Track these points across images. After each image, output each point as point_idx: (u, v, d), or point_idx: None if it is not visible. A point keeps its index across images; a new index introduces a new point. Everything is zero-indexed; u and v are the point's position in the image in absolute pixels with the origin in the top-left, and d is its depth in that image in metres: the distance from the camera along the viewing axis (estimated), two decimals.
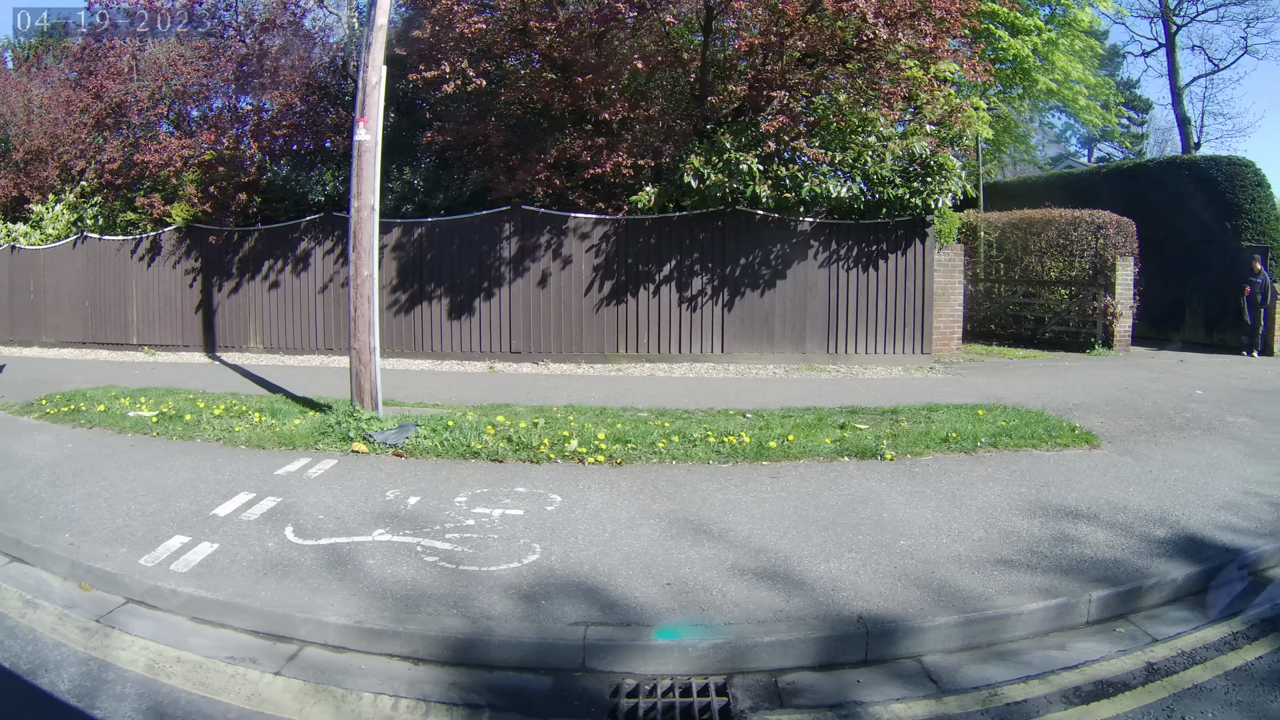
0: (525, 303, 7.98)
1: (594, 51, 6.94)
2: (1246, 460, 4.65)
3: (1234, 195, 10.61)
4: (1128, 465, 4.53)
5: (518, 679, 2.30)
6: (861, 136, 7.25)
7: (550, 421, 5.11)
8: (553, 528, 3.31)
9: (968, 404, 5.86)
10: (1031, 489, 4.03)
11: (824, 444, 4.65)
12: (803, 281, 7.83)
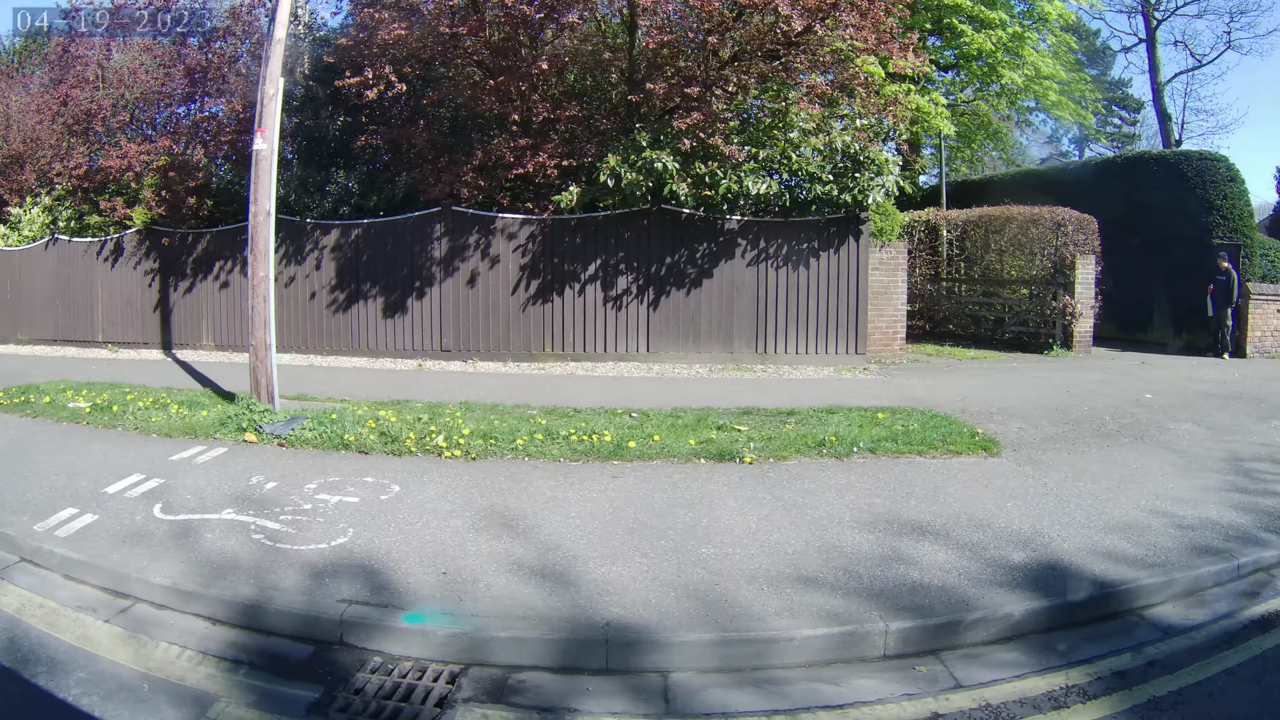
0: (455, 302, 7.83)
1: (505, 55, 6.83)
2: (1172, 473, 4.26)
3: (1205, 191, 9.70)
4: (1021, 477, 4.12)
5: (285, 645, 2.46)
6: (784, 133, 6.69)
7: (435, 417, 5.04)
8: (375, 515, 3.37)
9: (875, 407, 5.50)
10: (888, 500, 3.67)
11: (687, 445, 4.40)
12: (729, 280, 7.36)
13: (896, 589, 2.70)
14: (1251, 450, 4.78)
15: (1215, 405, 6.29)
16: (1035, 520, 3.42)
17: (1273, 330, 10.57)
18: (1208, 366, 9.40)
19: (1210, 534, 3.36)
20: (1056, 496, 3.77)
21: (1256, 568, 3.23)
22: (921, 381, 7.06)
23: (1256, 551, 3.23)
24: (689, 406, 5.56)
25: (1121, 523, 3.39)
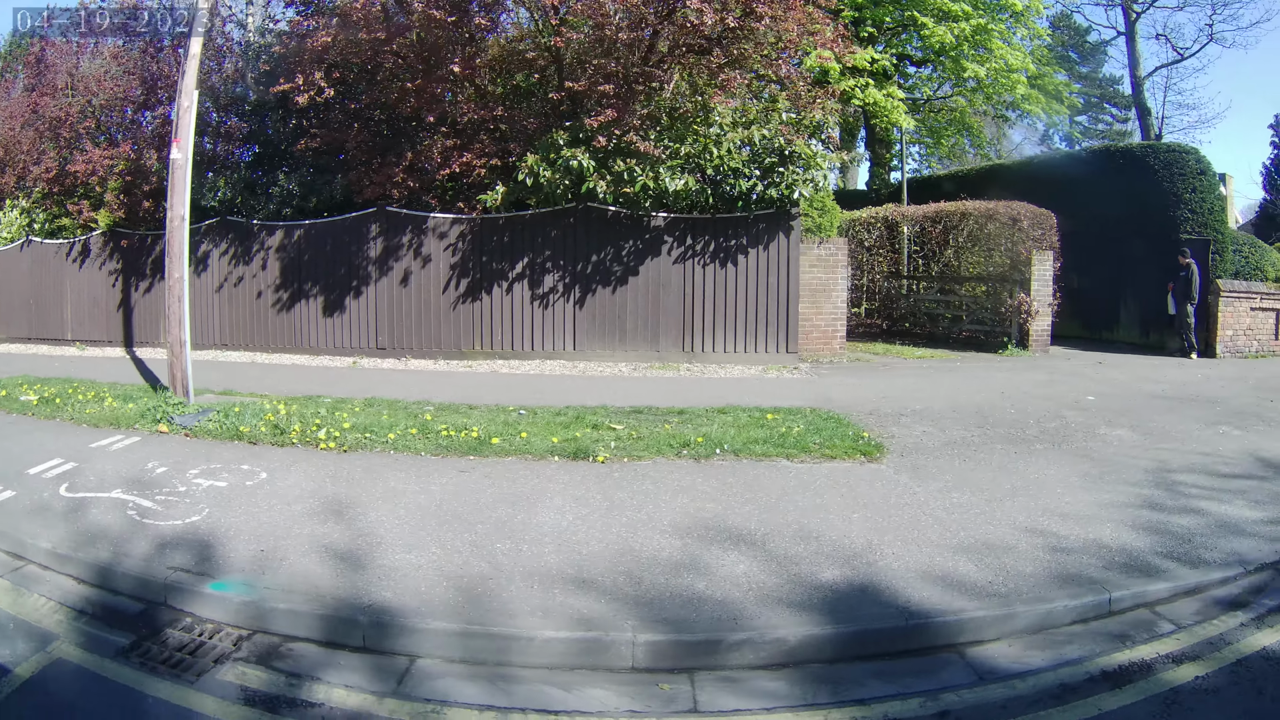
0: (390, 301, 7.73)
1: (424, 59, 6.72)
2: (1077, 485, 3.83)
3: (1173, 184, 8.90)
4: (889, 485, 3.75)
5: (123, 601, 2.70)
6: (705, 129, 6.20)
7: (334, 411, 5.06)
8: (233, 498, 3.49)
9: (772, 407, 5.19)
10: (722, 505, 3.40)
11: (549, 442, 4.25)
12: (655, 278, 6.95)
13: (671, 599, 2.48)
14: (1185, 460, 4.35)
15: (1162, 409, 5.81)
16: (875, 535, 3.07)
17: (1246, 329, 9.64)
18: (1170, 367, 8.62)
19: (1089, 559, 2.91)
20: (918, 508, 3.40)
21: (1138, 603, 2.76)
22: (848, 381, 6.69)
23: (1142, 584, 2.76)
24: (585, 405, 5.37)
25: (981, 542, 3.00)
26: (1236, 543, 3.15)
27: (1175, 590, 2.79)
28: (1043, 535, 3.13)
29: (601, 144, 6.42)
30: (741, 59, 6.51)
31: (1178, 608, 2.72)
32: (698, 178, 6.67)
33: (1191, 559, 2.98)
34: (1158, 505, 3.74)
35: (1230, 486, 3.99)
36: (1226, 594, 2.88)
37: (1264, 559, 3.07)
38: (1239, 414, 5.68)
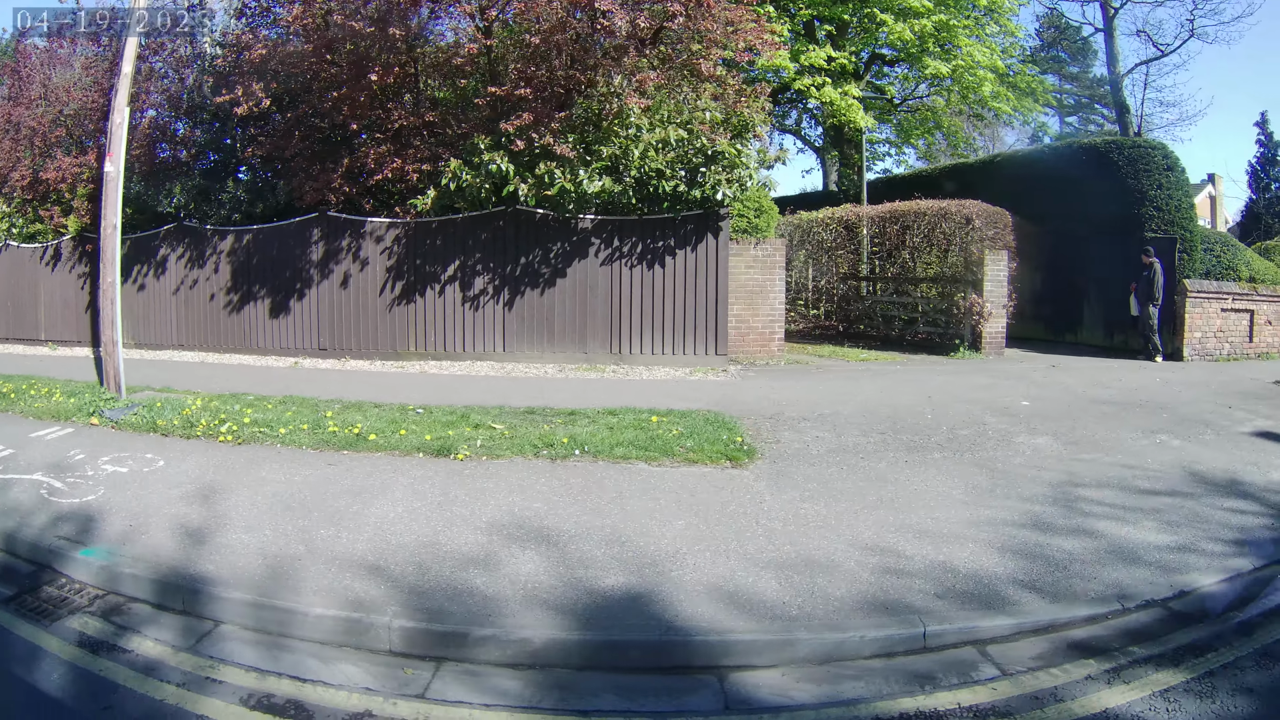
0: (330, 303, 7.70)
1: (350, 68, 6.65)
2: (959, 499, 3.47)
3: (1138, 181, 8.21)
4: (738, 492, 3.50)
5: (19, 564, 2.98)
6: (623, 130, 5.80)
7: (247, 407, 5.14)
8: (128, 482, 3.66)
9: (667, 409, 5.01)
10: (549, 504, 3.34)
11: (422, 439, 4.24)
12: (583, 280, 6.61)
13: (442, 591, 2.51)
14: (1101, 473, 3.94)
15: (1101, 415, 5.36)
16: (689, 544, 2.88)
17: (1216, 331, 8.84)
18: (1129, 370, 7.96)
19: (924, 585, 2.57)
20: (754, 518, 3.18)
21: (965, 639, 2.36)
22: (771, 384, 6.40)
23: (976, 618, 2.38)
24: (486, 405, 5.28)
25: (803, 558, 2.75)
26: (1124, 573, 2.74)
27: (1017, 628, 2.39)
28: (882, 554, 2.83)
29: (520, 147, 6.33)
30: (658, 58, 6.06)
31: (1016, 649, 2.32)
32: (618, 179, 6.26)
33: (1056, 591, 2.57)
34: (1044, 525, 3.28)
35: (1144, 505, 3.56)
36: (1087, 636, 2.45)
37: (1151, 595, 2.63)
38: (1186, 421, 5.26)
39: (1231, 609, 2.65)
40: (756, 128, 6.52)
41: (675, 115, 6.39)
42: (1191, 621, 2.58)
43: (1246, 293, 9.15)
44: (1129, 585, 2.74)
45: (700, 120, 6.40)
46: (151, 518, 3.17)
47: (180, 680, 2.10)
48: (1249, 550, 2.98)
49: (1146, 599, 2.67)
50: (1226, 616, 2.63)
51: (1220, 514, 3.39)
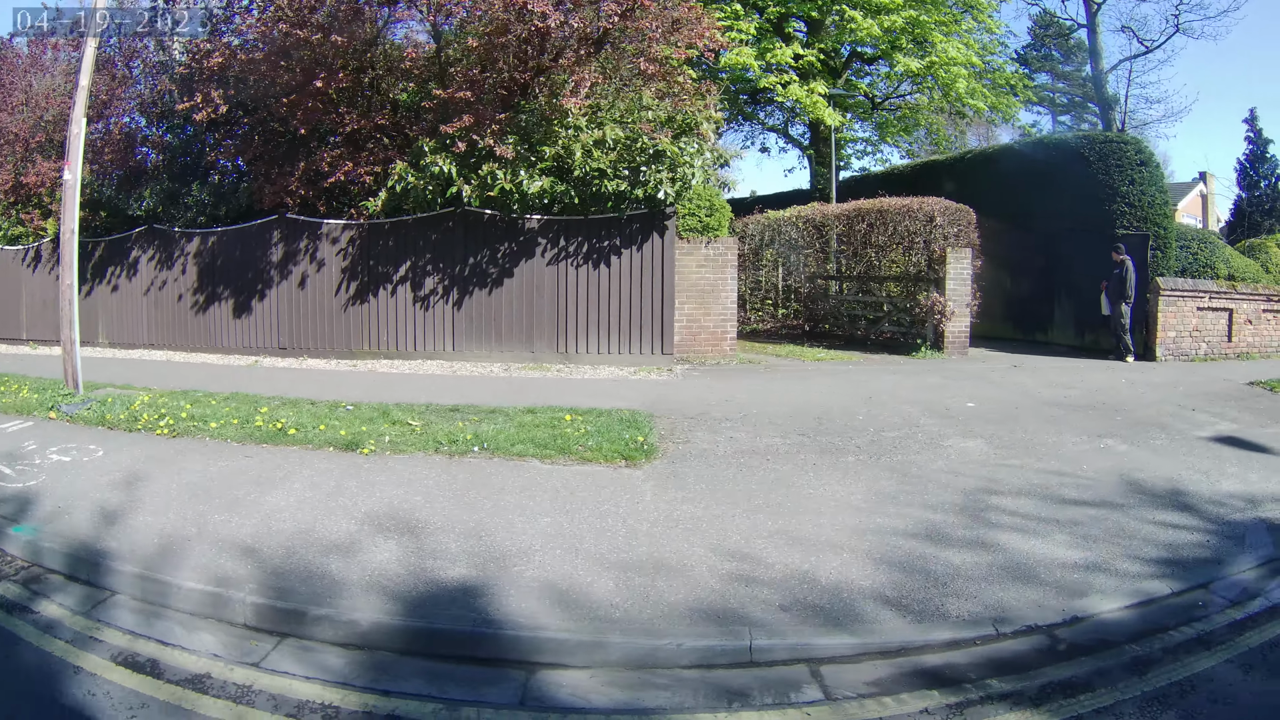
0: (290, 303, 7.77)
1: (300, 75, 6.65)
2: (856, 505, 3.28)
3: (1109, 176, 7.77)
4: (621, 492, 3.41)
5: None
6: (564, 130, 5.55)
7: (194, 403, 5.25)
8: (67, 469, 3.79)
9: (590, 408, 4.94)
10: (427, 498, 3.36)
11: (337, 435, 4.28)
12: (530, 280, 6.42)
13: (299, 573, 2.60)
14: (1025, 480, 3.66)
15: (1048, 418, 5.05)
16: (544, 541, 2.84)
17: (1192, 330, 8.33)
18: (1096, 370, 7.53)
19: (772, 595, 2.41)
20: (622, 518, 3.09)
21: (798, 656, 2.16)
22: (711, 384, 6.24)
23: (819, 635, 2.20)
24: (416, 402, 5.24)
25: (654, 560, 2.66)
26: (1012, 593, 2.48)
27: (862, 649, 2.19)
28: (741, 561, 2.68)
29: (462, 149, 6.29)
30: (598, 58, 5.78)
31: (854, 671, 2.12)
32: (561, 179, 6.05)
33: (924, 610, 2.35)
34: (938, 536, 3.00)
35: (1063, 516, 3.24)
36: (943, 663, 2.20)
37: (1035, 620, 2.33)
38: (1139, 425, 4.91)
39: (1132, 640, 2.32)
40: (702, 126, 6.24)
41: (615, 115, 6.11)
42: (1078, 653, 2.26)
43: (1225, 291, 8.60)
44: (1013, 607, 2.44)
45: (643, 119, 6.10)
46: (78, 501, 3.34)
47: (70, 638, 2.34)
48: (1171, 572, 2.68)
49: (1029, 624, 2.35)
50: (1121, 649, 2.28)
51: (1149, 528, 3.07)
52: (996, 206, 9.11)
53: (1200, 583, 2.60)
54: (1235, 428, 4.84)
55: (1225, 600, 2.53)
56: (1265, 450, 4.29)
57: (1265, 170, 15.28)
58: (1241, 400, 5.93)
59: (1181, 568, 2.69)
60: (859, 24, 9.15)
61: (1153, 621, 2.38)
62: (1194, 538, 2.96)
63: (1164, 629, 2.35)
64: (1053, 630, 2.31)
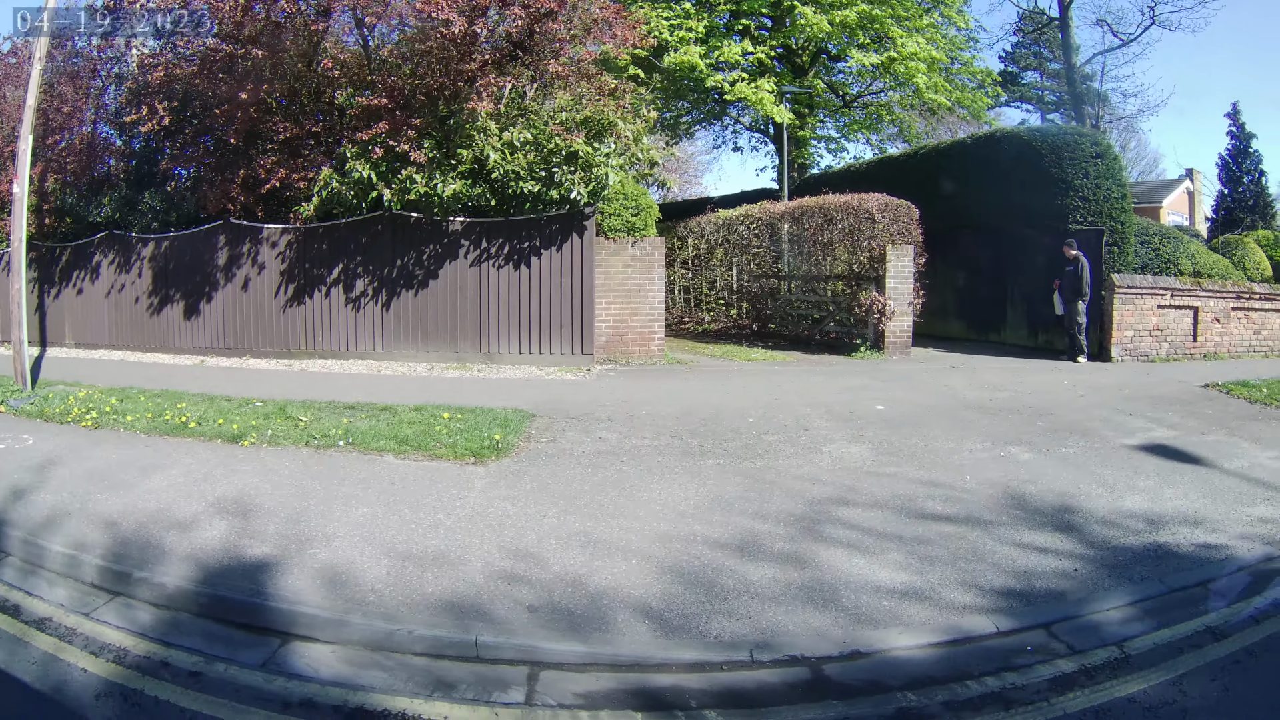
0: (234, 305, 8.16)
1: (231, 86, 6.77)
2: (681, 509, 3.18)
3: (1062, 170, 7.34)
4: (452, 487, 3.44)
5: None
6: (478, 135, 5.39)
7: (125, 399, 5.43)
8: None
9: (476, 406, 4.98)
10: (275, 485, 3.53)
11: (230, 428, 4.47)
12: (454, 281, 6.36)
13: (141, 544, 2.85)
14: (890, 490, 3.45)
15: (959, 422, 4.78)
16: (350, 528, 2.96)
17: (1152, 329, 7.82)
18: (1042, 371, 7.12)
19: (531, 595, 2.39)
20: (436, 512, 3.14)
21: (520, 658, 2.11)
22: (621, 384, 6.19)
23: (550, 640, 2.13)
24: (320, 400, 5.36)
25: (438, 554, 2.71)
26: (795, 618, 2.27)
27: (592, 658, 2.09)
28: (522, 559, 2.66)
29: (379, 155, 6.30)
30: (508, 62, 5.59)
31: (574, 681, 2.04)
32: (478, 182, 5.92)
33: (684, 626, 2.23)
34: (751, 548, 2.97)
35: (910, 533, 2.99)
36: (672, 685, 2.04)
37: (806, 650, 2.11)
38: (1060, 431, 4.56)
39: (911, 686, 2.00)
40: (617, 126, 5.95)
41: (525, 118, 5.91)
42: (834, 694, 2.04)
43: (1189, 288, 8.05)
44: (787, 633, 2.25)
45: (554, 121, 5.87)
46: None
47: None
48: (1009, 606, 2.36)
49: (794, 654, 2.11)
50: (890, 696, 1.98)
51: (1008, 551, 2.75)
52: (950, 203, 8.67)
53: (1041, 622, 2.25)
54: (1172, 435, 4.51)
55: (1064, 647, 2.15)
56: (1196, 461, 3.92)
57: (1248, 165, 14.30)
58: (1190, 404, 5.60)
59: (1025, 601, 2.35)
60: (809, 19, 8.74)
61: (954, 666, 2.06)
62: (1060, 565, 2.60)
63: (965, 676, 2.01)
64: (821, 663, 2.06)
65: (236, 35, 6.33)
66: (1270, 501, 3.29)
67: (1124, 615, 2.29)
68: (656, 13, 9.01)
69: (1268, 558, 2.70)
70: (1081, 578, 2.48)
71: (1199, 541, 2.81)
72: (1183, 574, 2.54)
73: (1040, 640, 2.14)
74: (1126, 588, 2.42)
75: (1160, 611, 2.33)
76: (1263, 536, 2.88)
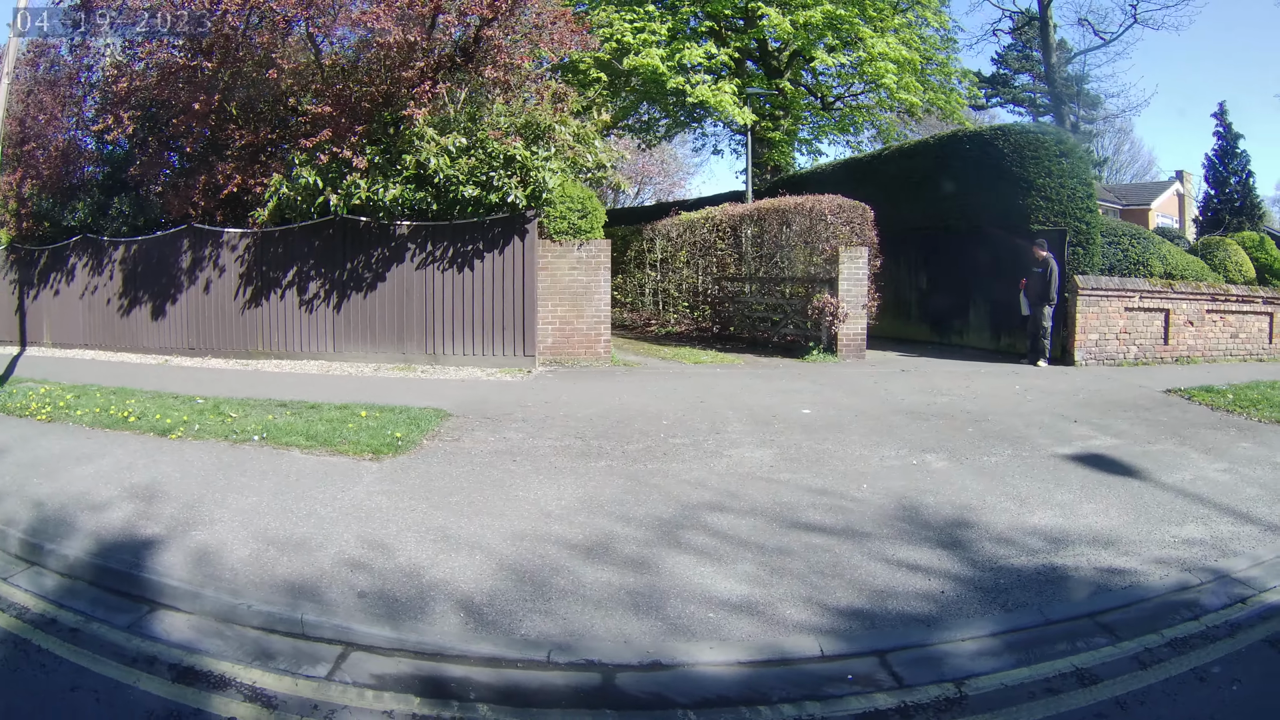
0: (197, 307, 8.53)
1: (183, 96, 7.08)
2: (550, 510, 3.27)
3: (1024, 169, 7.23)
4: (330, 479, 3.65)
5: None
6: (419, 140, 5.52)
7: (81, 395, 5.70)
8: None
9: (400, 405, 5.18)
10: (183, 473, 3.77)
11: (164, 422, 4.73)
12: (401, 284, 6.50)
13: (56, 520, 3.11)
14: (773, 498, 3.38)
15: (883, 428, 4.66)
16: (233, 514, 3.19)
17: (1120, 332, 7.66)
18: (995, 376, 7.03)
19: (366, 582, 2.55)
20: (315, 502, 3.32)
21: (337, 638, 2.25)
22: (556, 385, 6.29)
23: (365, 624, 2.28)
24: (256, 398, 5.60)
25: (299, 540, 2.94)
26: (613, 623, 2.29)
27: (397, 644, 2.22)
28: (373, 549, 2.84)
29: (323, 161, 6.68)
30: (443, 69, 5.72)
31: (378, 663, 2.17)
32: (420, 187, 6.10)
33: (494, 622, 2.30)
34: (600, 551, 2.82)
35: (774, 543, 2.87)
36: (461, 676, 2.10)
37: (604, 657, 2.08)
38: (990, 438, 4.43)
39: (698, 706, 1.91)
40: (556, 130, 5.99)
41: (462, 124, 6.00)
42: (612, 704, 1.98)
43: (1159, 290, 7.85)
44: (595, 637, 2.22)
45: (493, 126, 5.96)
46: None
47: None
48: (850, 628, 2.24)
49: (590, 659, 2.18)
50: (671, 713, 1.92)
51: (875, 567, 2.61)
52: (915, 204, 8.58)
53: (877, 648, 2.08)
54: (1113, 444, 4.29)
55: (891, 679, 1.98)
56: (1130, 473, 3.69)
57: (1235, 166, 13.83)
58: (1145, 411, 5.41)
59: (868, 624, 2.21)
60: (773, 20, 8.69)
61: (755, 688, 1.96)
62: (926, 586, 2.42)
63: (761, 701, 1.91)
64: (616, 671, 2.07)
65: (191, 48, 6.67)
66: (1203, 521, 3.03)
67: (980, 648, 2.08)
68: (619, 15, 9.06)
69: (1181, 587, 2.43)
70: (945, 601, 2.30)
71: (1103, 565, 2.54)
72: (1068, 603, 2.28)
73: (867, 669, 1.99)
74: (994, 616, 2.21)
75: (1026, 646, 2.09)
76: (1182, 562, 2.62)
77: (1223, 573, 2.52)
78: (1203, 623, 2.21)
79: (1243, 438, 4.43)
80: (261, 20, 6.28)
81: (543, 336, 7.02)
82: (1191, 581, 2.46)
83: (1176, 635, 2.14)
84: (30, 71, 9.66)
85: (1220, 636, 2.15)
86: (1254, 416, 5.03)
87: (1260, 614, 2.27)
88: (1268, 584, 2.46)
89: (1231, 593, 2.40)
